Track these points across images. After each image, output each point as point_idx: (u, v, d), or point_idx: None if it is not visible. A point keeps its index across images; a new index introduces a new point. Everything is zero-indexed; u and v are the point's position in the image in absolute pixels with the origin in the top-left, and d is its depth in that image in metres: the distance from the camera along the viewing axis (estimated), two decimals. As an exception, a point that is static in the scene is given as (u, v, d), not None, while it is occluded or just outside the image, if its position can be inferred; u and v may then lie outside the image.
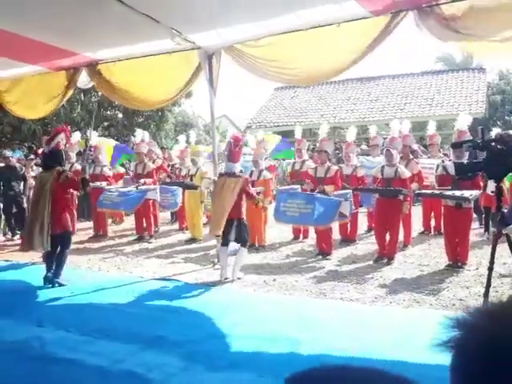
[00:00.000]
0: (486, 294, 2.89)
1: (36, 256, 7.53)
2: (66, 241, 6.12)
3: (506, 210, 2.82)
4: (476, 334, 0.65)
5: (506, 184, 7.07)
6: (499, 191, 2.81)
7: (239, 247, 6.21)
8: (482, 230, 8.15)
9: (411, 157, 8.31)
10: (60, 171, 5.99)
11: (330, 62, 6.01)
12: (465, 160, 6.25)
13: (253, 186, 6.62)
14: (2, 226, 9.68)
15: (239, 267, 6.22)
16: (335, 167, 7.67)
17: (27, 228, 6.19)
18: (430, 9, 4.80)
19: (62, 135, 6.37)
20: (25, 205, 9.60)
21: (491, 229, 4.76)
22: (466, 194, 5.83)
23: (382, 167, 6.98)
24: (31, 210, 6.23)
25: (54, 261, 6.06)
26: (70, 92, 8.09)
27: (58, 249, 6.05)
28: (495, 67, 27.69)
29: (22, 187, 9.73)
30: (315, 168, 7.68)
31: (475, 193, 5.90)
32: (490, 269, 2.86)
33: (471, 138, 6.51)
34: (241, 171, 6.45)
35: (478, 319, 0.67)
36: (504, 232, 2.85)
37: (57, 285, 5.95)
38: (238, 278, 6.11)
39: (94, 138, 10.29)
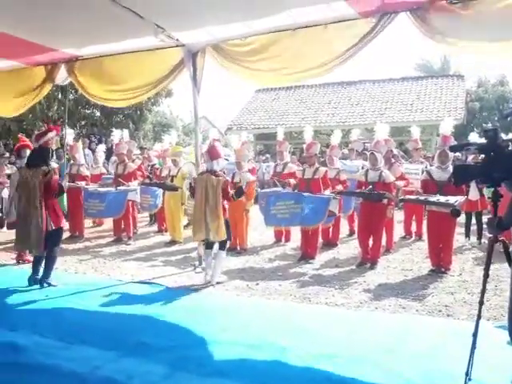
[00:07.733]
0: (481, 302, 2.82)
1: (8, 257, 7.28)
2: (58, 238, 5.96)
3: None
4: None
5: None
6: (496, 196, 2.75)
7: (217, 250, 6.04)
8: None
9: (393, 161, 8.32)
10: (46, 171, 5.69)
11: (315, 62, 5.93)
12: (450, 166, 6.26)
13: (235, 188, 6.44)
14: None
15: (219, 271, 6.08)
16: (324, 168, 7.54)
17: (20, 226, 5.81)
18: (421, 11, 4.76)
19: (54, 133, 6.16)
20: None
21: (487, 234, 4.71)
22: (452, 200, 5.80)
23: (367, 171, 6.92)
24: (22, 208, 5.76)
25: (45, 260, 5.85)
26: (47, 88, 7.83)
27: (49, 248, 5.80)
28: (473, 74, 28.32)
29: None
30: (303, 169, 7.56)
31: (460, 198, 5.88)
32: (486, 275, 2.79)
33: (456, 142, 6.52)
34: (223, 172, 6.33)
35: None
36: (500, 238, 2.79)
37: (46, 285, 5.76)
38: (218, 283, 5.96)
39: (70, 136, 9.98)
